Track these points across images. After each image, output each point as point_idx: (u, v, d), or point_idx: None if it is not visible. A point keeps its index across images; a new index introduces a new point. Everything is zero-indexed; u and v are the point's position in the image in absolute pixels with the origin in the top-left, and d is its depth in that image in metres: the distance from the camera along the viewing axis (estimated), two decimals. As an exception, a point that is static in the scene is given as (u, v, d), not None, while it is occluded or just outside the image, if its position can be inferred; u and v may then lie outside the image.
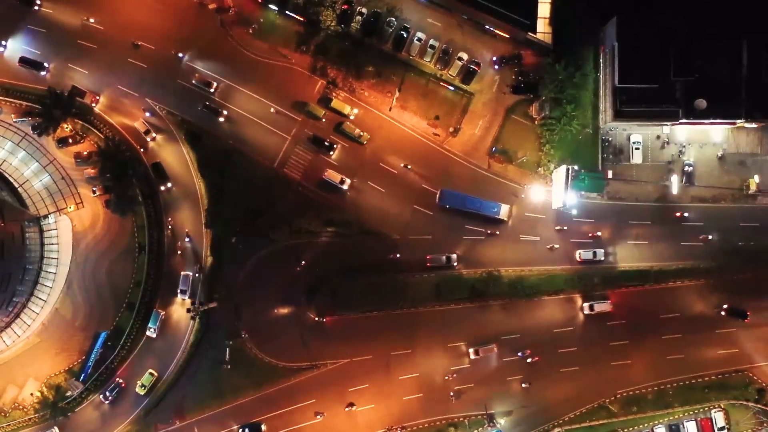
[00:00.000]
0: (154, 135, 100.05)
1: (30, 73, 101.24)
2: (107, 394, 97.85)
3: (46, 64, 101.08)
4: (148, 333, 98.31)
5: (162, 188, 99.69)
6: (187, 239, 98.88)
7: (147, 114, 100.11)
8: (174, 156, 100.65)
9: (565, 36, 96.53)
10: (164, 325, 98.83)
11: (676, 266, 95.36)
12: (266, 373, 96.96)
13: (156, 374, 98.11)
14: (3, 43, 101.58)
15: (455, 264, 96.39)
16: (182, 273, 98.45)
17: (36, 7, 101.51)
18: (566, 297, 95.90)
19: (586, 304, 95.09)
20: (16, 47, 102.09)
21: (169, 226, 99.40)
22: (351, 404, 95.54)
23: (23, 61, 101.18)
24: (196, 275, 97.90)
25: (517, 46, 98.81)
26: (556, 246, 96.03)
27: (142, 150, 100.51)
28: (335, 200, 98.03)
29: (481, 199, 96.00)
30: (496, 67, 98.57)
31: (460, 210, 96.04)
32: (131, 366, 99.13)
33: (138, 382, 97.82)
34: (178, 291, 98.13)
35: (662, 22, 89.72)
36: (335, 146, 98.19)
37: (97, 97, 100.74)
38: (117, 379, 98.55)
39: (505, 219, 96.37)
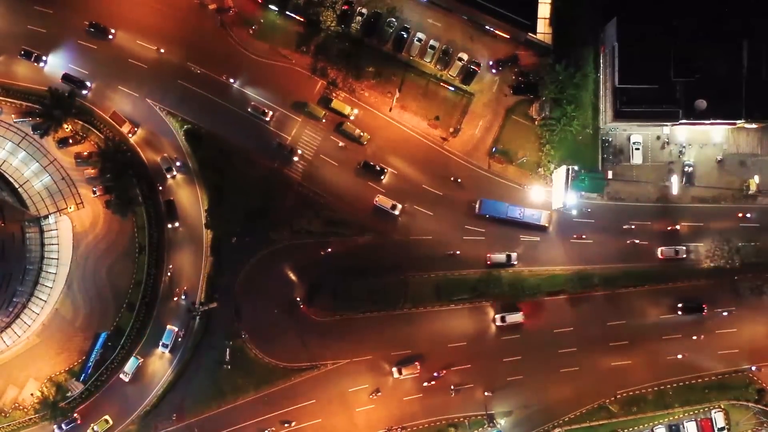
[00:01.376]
0: (174, 173, 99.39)
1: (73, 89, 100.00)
2: (63, 426, 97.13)
3: (88, 84, 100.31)
4: (121, 375, 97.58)
5: (169, 226, 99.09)
6: (183, 296, 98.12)
7: (178, 163, 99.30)
8: (188, 198, 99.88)
9: (565, 36, 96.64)
10: (139, 373, 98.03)
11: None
12: (266, 374, 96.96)
13: (111, 422, 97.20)
14: (44, 58, 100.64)
15: (515, 263, 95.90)
16: (168, 326, 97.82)
17: (110, 36, 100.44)
18: (568, 297, 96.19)
19: (498, 316, 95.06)
20: (59, 63, 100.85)
21: (169, 273, 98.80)
22: (288, 422, 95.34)
23: (66, 78, 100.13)
24: (179, 339, 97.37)
25: (513, 48, 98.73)
26: (636, 241, 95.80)
27: (159, 187, 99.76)
28: (387, 226, 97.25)
29: (522, 207, 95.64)
30: (494, 71, 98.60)
31: (502, 219, 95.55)
32: (94, 404, 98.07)
33: (93, 425, 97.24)
34: (161, 344, 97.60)
35: (662, 23, 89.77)
36: (386, 171, 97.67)
37: (136, 129, 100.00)
38: (75, 415, 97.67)
39: (546, 225, 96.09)
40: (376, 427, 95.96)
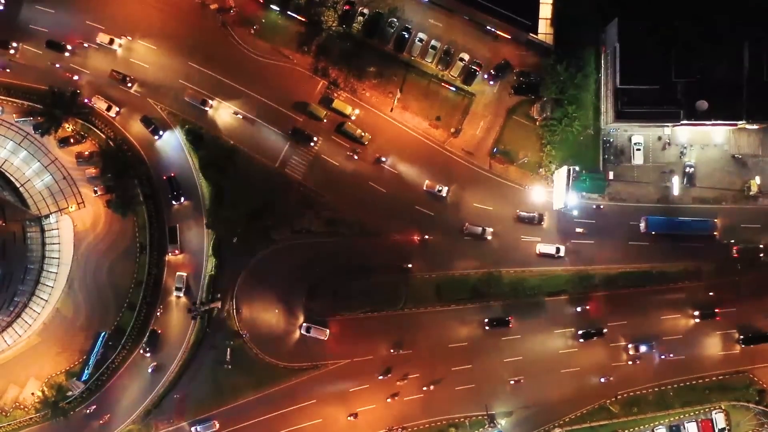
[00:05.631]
0: (180, 294, 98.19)
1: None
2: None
3: (183, 199, 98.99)
4: None
5: (141, 351, 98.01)
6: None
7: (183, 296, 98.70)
8: (176, 328, 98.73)
9: (566, 37, 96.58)
10: None
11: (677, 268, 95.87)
12: (267, 373, 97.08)
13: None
14: (160, 132, 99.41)
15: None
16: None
17: (312, 144, 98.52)
18: (567, 298, 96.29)
19: (305, 325, 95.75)
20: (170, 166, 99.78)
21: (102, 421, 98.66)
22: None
23: (169, 180, 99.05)
24: None
25: (512, 50, 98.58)
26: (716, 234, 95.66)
27: (160, 308, 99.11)
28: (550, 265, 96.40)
29: (689, 220, 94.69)
30: (491, 83, 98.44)
31: (668, 234, 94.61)
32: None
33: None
34: None
35: (664, 24, 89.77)
36: (545, 216, 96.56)
37: (177, 252, 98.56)
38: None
39: (717, 235, 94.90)
40: (377, 427, 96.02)
